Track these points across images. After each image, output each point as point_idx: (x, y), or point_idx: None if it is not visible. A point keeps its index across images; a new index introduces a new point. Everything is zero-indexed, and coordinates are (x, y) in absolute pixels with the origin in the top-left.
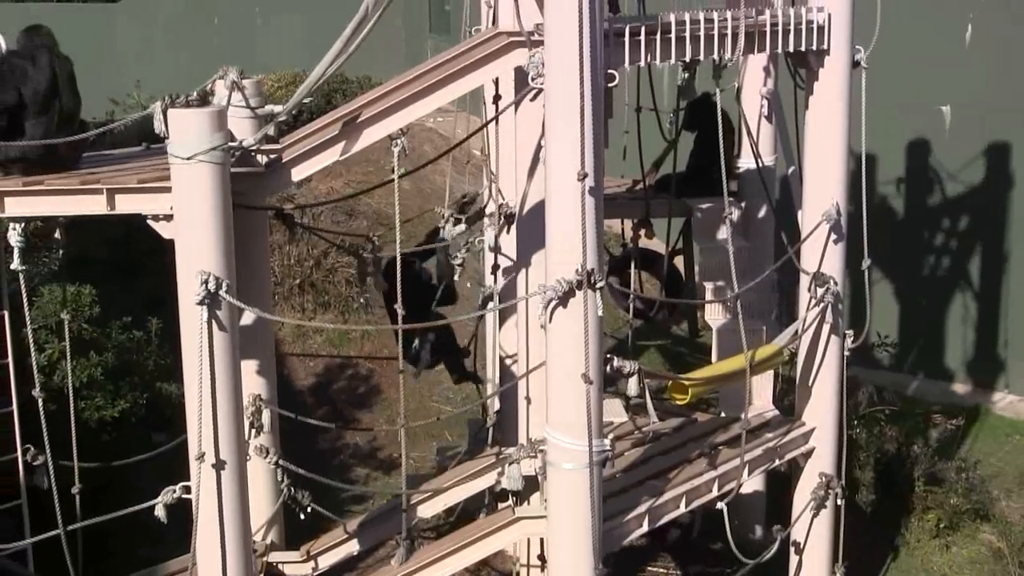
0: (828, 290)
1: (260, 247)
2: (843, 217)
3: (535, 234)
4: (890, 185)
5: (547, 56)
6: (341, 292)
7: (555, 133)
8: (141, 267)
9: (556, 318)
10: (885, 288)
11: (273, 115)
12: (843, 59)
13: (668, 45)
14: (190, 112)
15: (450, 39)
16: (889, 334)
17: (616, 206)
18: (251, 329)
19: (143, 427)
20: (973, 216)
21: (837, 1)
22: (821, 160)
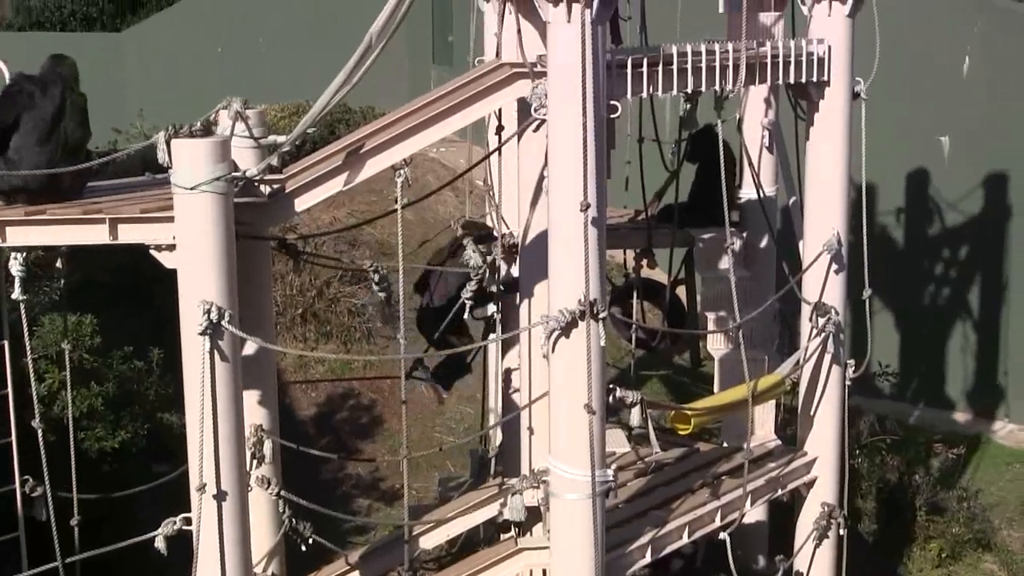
0: (829, 320)
1: (263, 277)
2: (844, 247)
3: (538, 264)
4: (890, 215)
5: (550, 87)
6: (343, 322)
7: (558, 163)
8: (147, 294)
9: (559, 348)
10: (886, 318)
11: (276, 145)
12: (843, 90)
13: (670, 76)
14: (193, 142)
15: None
16: (890, 363)
17: (618, 236)
18: (253, 359)
19: (144, 458)
20: (973, 245)
21: (837, 33)
22: (822, 190)
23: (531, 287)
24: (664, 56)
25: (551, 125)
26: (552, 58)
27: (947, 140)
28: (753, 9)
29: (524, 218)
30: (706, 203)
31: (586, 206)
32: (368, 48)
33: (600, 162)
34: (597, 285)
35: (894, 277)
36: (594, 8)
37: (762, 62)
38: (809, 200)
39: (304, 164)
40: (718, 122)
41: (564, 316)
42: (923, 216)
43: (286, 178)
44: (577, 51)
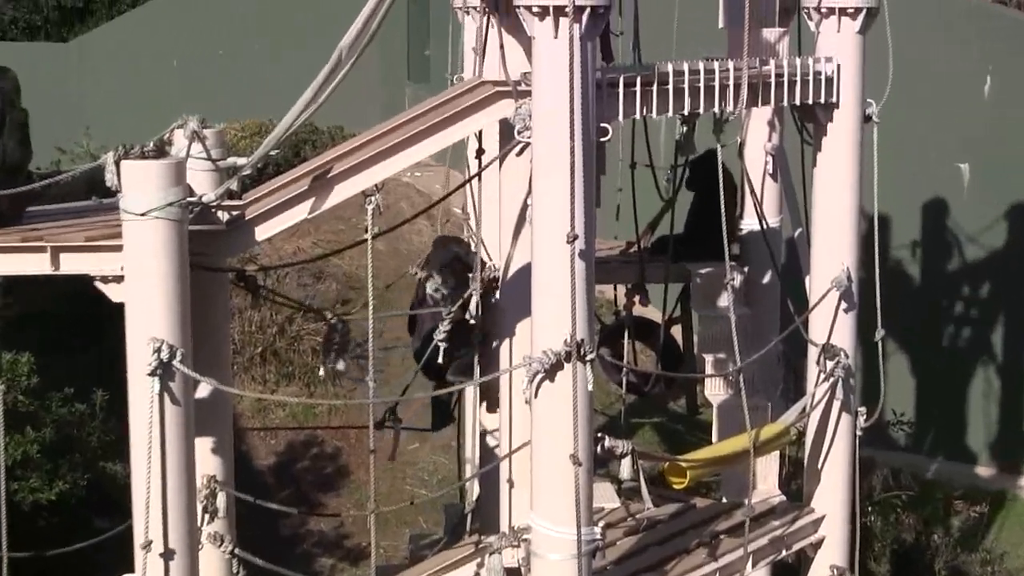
0: (838, 363)
1: (219, 312)
2: (854, 283)
3: (520, 300)
4: (905, 249)
5: (535, 108)
6: (306, 362)
7: (543, 191)
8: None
9: (542, 393)
10: (901, 361)
11: (236, 168)
12: (853, 113)
13: (665, 97)
14: (145, 163)
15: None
16: (905, 412)
17: (608, 270)
18: (207, 402)
19: (84, 511)
20: (995, 283)
21: (847, 51)
22: (830, 221)
23: (513, 325)
24: (659, 75)
25: (536, 149)
26: (537, 76)
27: (967, 168)
28: (756, 24)
29: (505, 250)
30: (704, 235)
31: (573, 237)
32: (338, 63)
33: (589, 189)
34: (585, 324)
35: (909, 317)
36: (583, 23)
37: (765, 82)
38: (816, 232)
39: (266, 189)
40: (718, 147)
41: (548, 357)
42: (941, 250)
43: (246, 204)
44: (564, 69)
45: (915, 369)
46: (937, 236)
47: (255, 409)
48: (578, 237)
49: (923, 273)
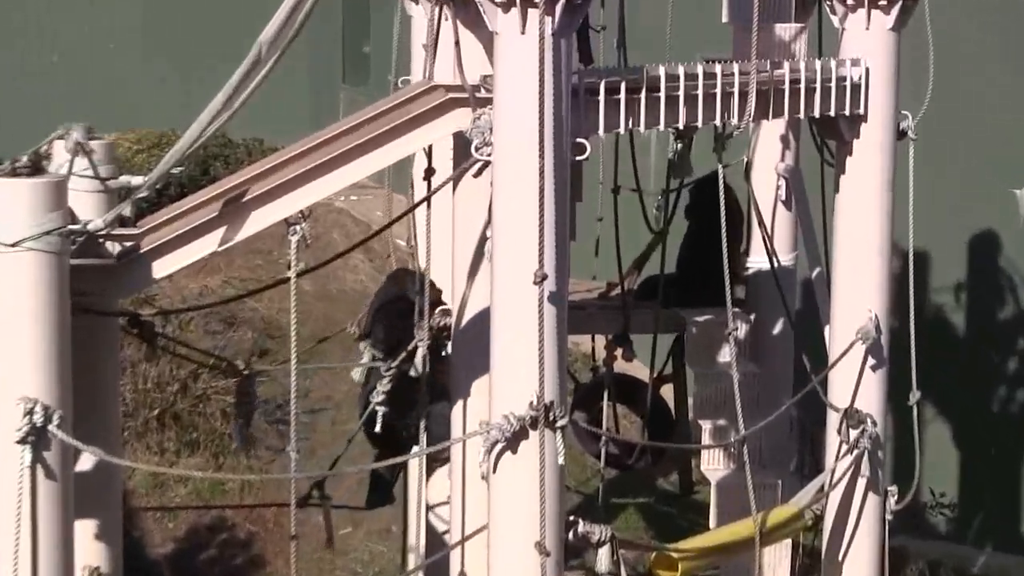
0: (864, 432)
1: (107, 366)
2: (884, 335)
3: (476, 353)
4: (947, 293)
5: (496, 119)
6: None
7: (505, 220)
8: None
9: (502, 467)
10: (941, 430)
11: (130, 189)
12: (885, 127)
13: (656, 107)
14: (16, 182)
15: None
16: (946, 492)
17: (585, 318)
18: (91, 476)
19: None
20: None
21: (878, 52)
22: (855, 259)
23: (467, 384)
24: (648, 79)
25: (497, 169)
26: (500, 80)
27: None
28: (767, 19)
29: (459, 291)
30: (702, 275)
31: (542, 277)
32: (257, 61)
33: (561, 219)
34: (555, 382)
35: (952, 376)
36: (557, 16)
37: (778, 89)
38: (838, 272)
39: (166, 215)
40: (719, 168)
41: (510, 423)
42: (991, 295)
43: (142, 233)
44: (533, 72)
45: (958, 440)
46: (986, 277)
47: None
48: (548, 277)
49: (969, 323)
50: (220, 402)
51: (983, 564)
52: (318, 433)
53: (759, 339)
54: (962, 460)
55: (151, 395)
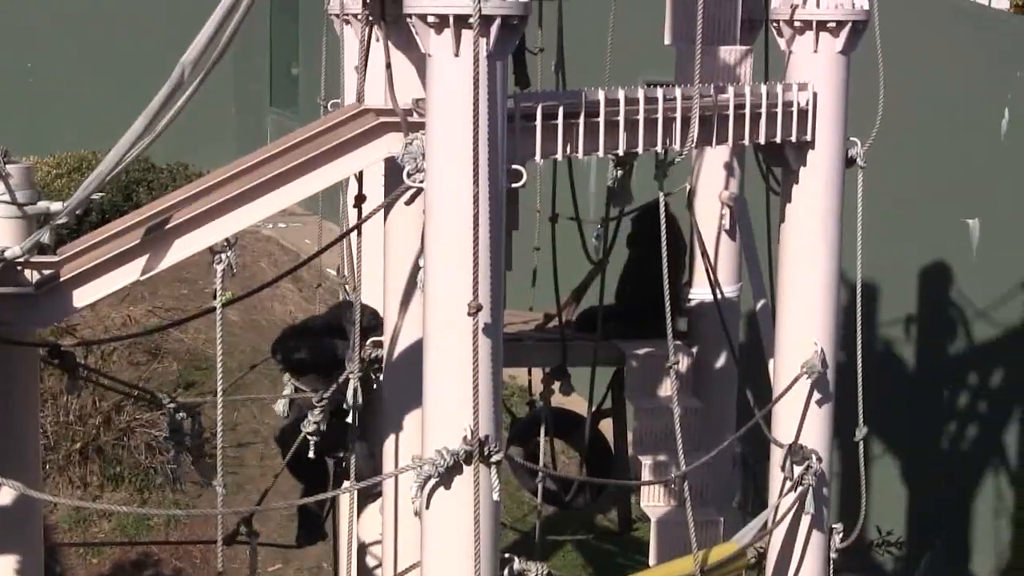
0: (809, 469)
1: (27, 397)
2: (830, 369)
3: (408, 386)
4: (896, 326)
5: (429, 144)
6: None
7: (438, 249)
8: None
9: (435, 503)
10: (888, 466)
11: (49, 215)
12: (833, 154)
13: (595, 132)
14: None
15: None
16: (893, 529)
17: (522, 350)
18: (10, 512)
19: None
20: (1010, 369)
21: (826, 77)
22: (801, 291)
23: (399, 417)
24: (587, 104)
25: (430, 196)
26: (433, 104)
27: (976, 224)
28: (712, 41)
29: (392, 322)
30: (641, 307)
31: (476, 308)
32: (180, 83)
33: (496, 248)
34: (490, 416)
35: (900, 411)
36: (492, 37)
37: (722, 114)
38: (784, 304)
39: (87, 242)
40: (661, 196)
41: (443, 459)
42: (942, 328)
43: (62, 261)
44: (467, 95)
45: (906, 477)
46: (937, 310)
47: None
48: (482, 308)
49: (919, 356)
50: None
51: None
52: (245, 467)
53: (701, 373)
54: (910, 497)
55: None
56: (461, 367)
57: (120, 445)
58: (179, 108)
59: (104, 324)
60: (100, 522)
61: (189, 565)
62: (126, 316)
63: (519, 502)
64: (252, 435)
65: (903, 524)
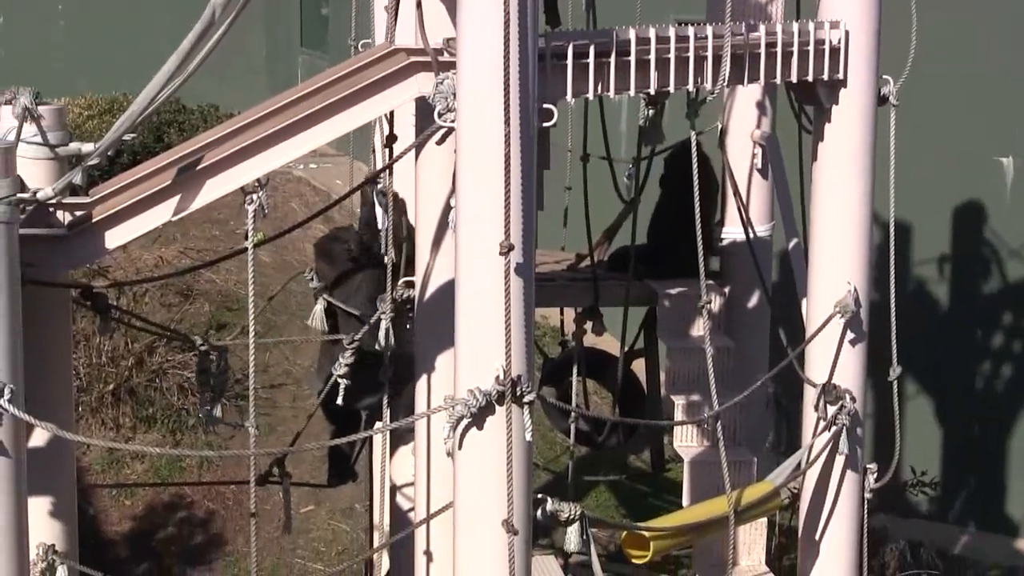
0: (843, 408)
1: (59, 339)
2: (864, 308)
3: (441, 327)
4: (929, 265)
5: (460, 83)
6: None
7: (470, 189)
8: None
9: (468, 443)
10: (922, 406)
11: (81, 156)
12: (865, 93)
13: (626, 71)
14: None
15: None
16: (928, 469)
17: (553, 290)
18: (44, 453)
19: None
20: None
21: (858, 14)
22: (834, 230)
23: (431, 358)
24: (618, 43)
25: (461, 136)
26: (464, 43)
27: (1010, 162)
28: None
29: (423, 263)
30: (674, 246)
31: (508, 248)
32: (211, 24)
33: (528, 188)
34: (522, 357)
35: (934, 351)
36: None
37: (753, 52)
38: (816, 243)
39: (119, 183)
40: (692, 135)
41: (476, 399)
42: (976, 267)
43: (93, 202)
44: (498, 34)
45: (941, 417)
46: (971, 249)
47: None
48: (514, 248)
49: (952, 296)
50: (177, 376)
51: (964, 544)
52: (278, 409)
53: (733, 312)
54: (945, 437)
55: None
56: (493, 307)
57: (152, 387)
58: (210, 49)
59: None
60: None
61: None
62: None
63: (551, 443)
64: (284, 376)
65: (938, 464)
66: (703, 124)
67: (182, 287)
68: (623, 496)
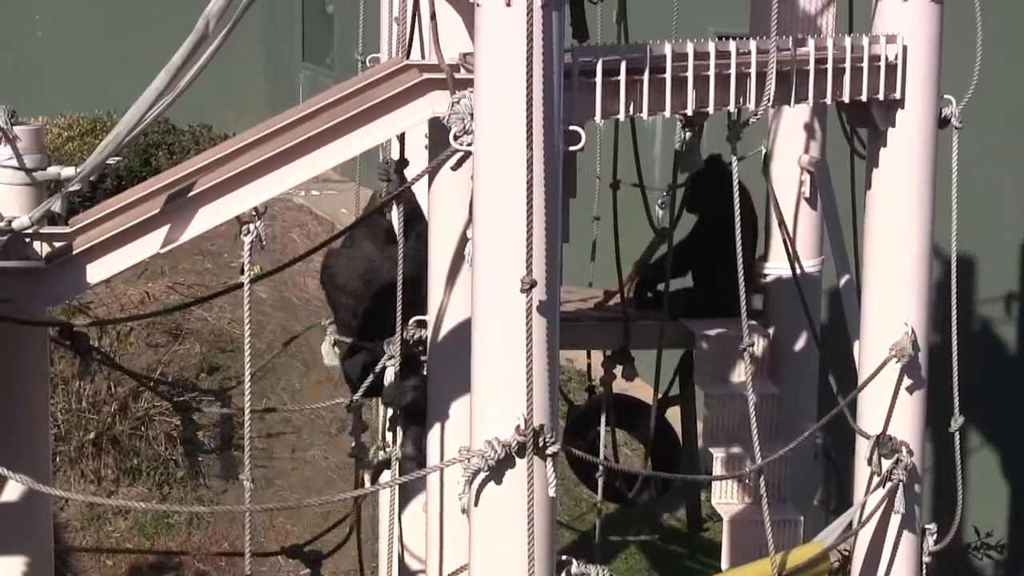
0: (899, 462)
1: (36, 382)
2: (922, 352)
3: (456, 371)
4: (995, 304)
5: (478, 102)
6: (158, 453)
7: (488, 219)
8: None
9: (485, 499)
10: (987, 460)
11: (61, 182)
12: (925, 114)
13: (661, 90)
14: None
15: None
16: (994, 530)
17: (580, 331)
18: (18, 507)
19: None
20: None
21: (917, 28)
22: (890, 265)
23: (445, 405)
24: (652, 59)
25: (479, 161)
26: (483, 59)
27: None
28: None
29: (436, 300)
30: (711, 281)
31: (530, 284)
32: (204, 36)
33: (552, 218)
34: (546, 404)
35: (1001, 398)
36: None
37: (801, 69)
38: (870, 280)
39: (102, 212)
40: (733, 160)
41: (494, 451)
42: None
43: (74, 232)
44: (521, 49)
45: (1008, 472)
46: None
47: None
48: (537, 284)
49: (1021, 337)
50: (164, 424)
51: None
52: (275, 460)
53: (778, 356)
54: (1012, 495)
55: (86, 416)
56: (513, 349)
57: (137, 435)
58: (203, 64)
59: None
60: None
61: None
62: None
63: (577, 499)
64: (283, 424)
65: (1004, 525)
66: (745, 148)
67: (171, 326)
68: (656, 558)
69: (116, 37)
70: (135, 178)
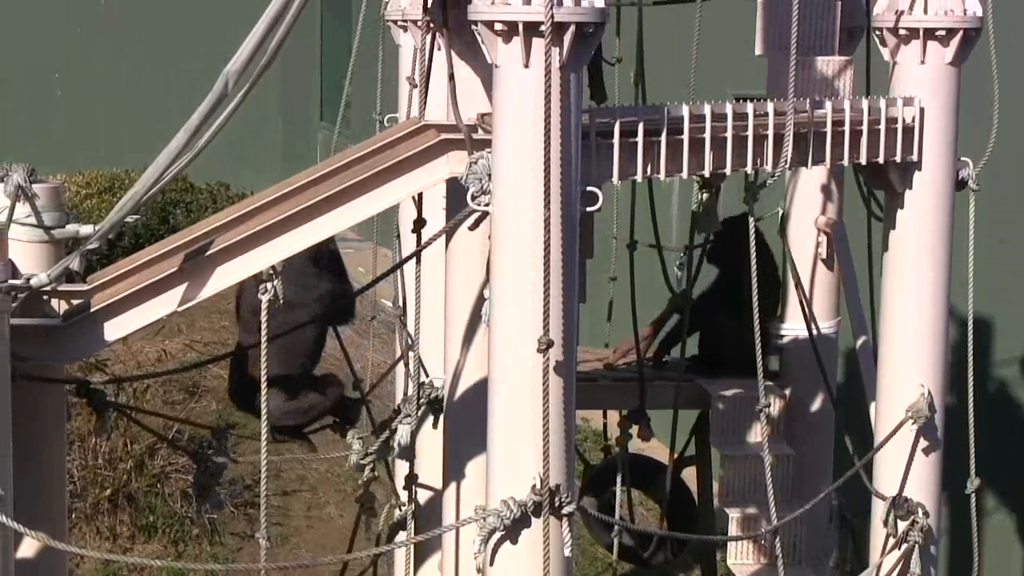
0: (915, 524)
1: (53, 439)
2: (938, 414)
3: (473, 430)
4: (1012, 365)
5: (496, 163)
6: (174, 510)
7: (505, 279)
8: None
9: (501, 558)
10: (1003, 523)
11: (79, 239)
12: (942, 176)
13: (678, 151)
14: None
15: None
16: None
17: (596, 391)
18: (34, 564)
19: None
20: None
21: (934, 90)
22: (906, 327)
23: (461, 464)
24: (670, 120)
25: (496, 221)
26: (501, 120)
27: None
28: (807, 52)
29: (452, 360)
30: (728, 342)
31: (547, 344)
32: (223, 95)
33: (570, 278)
34: (561, 464)
35: (1019, 460)
36: (566, 46)
37: (819, 132)
38: (887, 342)
39: (120, 269)
40: (750, 221)
41: (510, 510)
42: None
43: (92, 290)
44: (538, 110)
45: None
46: None
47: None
48: (553, 344)
49: None
50: (181, 481)
51: None
52: (290, 518)
53: (794, 417)
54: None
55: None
56: (530, 409)
57: (153, 492)
58: (222, 122)
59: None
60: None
61: None
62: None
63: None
64: (298, 482)
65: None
66: (762, 209)
67: (187, 383)
68: None
69: (135, 95)
70: (153, 236)
